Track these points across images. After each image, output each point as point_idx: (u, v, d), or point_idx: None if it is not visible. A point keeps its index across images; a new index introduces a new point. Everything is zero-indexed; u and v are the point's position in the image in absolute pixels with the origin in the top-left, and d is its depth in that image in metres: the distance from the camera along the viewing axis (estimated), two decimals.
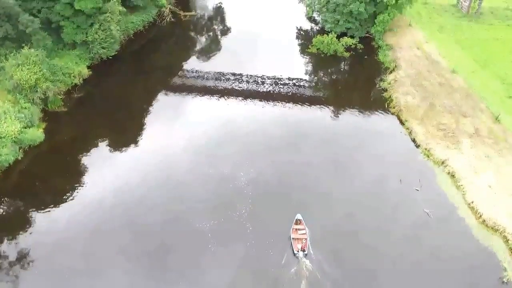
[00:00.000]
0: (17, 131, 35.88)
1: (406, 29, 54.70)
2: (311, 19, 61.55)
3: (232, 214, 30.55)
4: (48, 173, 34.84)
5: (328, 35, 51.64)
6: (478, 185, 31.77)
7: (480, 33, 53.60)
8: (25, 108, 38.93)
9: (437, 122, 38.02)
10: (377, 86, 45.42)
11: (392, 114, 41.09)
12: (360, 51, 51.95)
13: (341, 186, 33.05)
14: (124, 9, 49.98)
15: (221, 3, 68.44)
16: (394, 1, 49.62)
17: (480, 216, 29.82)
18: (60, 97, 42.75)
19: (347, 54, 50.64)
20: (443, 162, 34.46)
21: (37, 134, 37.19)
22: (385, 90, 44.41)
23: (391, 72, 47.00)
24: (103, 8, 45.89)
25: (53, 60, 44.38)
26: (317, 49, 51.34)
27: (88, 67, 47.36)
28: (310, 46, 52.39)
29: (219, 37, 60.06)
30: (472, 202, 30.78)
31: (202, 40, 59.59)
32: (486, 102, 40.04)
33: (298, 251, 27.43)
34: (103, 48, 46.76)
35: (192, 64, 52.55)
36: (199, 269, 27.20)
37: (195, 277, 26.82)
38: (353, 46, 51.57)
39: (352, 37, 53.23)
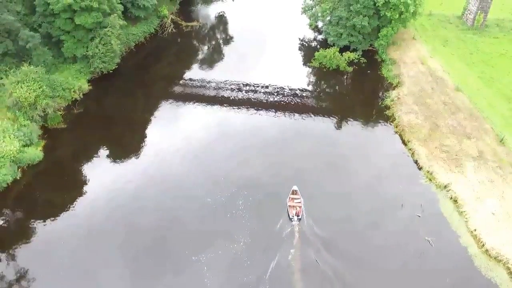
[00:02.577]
0: (16, 150, 35.65)
1: (410, 42, 54.00)
2: (314, 30, 60.96)
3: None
4: (47, 193, 34.63)
5: (330, 48, 51.10)
6: (481, 212, 31.17)
7: (486, 47, 52.79)
8: (24, 125, 38.72)
9: (440, 144, 37.40)
10: (379, 103, 44.81)
11: (395, 133, 40.52)
12: (363, 65, 51.36)
13: (339, 211, 32.42)
14: (125, 23, 49.71)
15: (224, 12, 67.98)
16: (397, 16, 48.99)
17: (483, 245, 29.23)
18: (60, 113, 42.57)
19: (349, 69, 50.04)
20: (445, 186, 33.86)
21: (36, 153, 36.93)
22: (388, 107, 43.81)
23: (394, 88, 46.39)
24: (104, 22, 45.62)
25: (53, 75, 44.21)
26: (320, 63, 50.81)
27: (89, 81, 47.23)
28: (312, 60, 51.84)
29: (221, 47, 59.62)
30: (475, 230, 30.20)
31: (204, 50, 59.19)
32: (491, 123, 39.34)
33: (293, 216, 31.16)
34: (103, 62, 46.42)
35: (194, 74, 52.24)
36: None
37: None
38: (356, 60, 51.04)
39: (355, 50, 52.71)
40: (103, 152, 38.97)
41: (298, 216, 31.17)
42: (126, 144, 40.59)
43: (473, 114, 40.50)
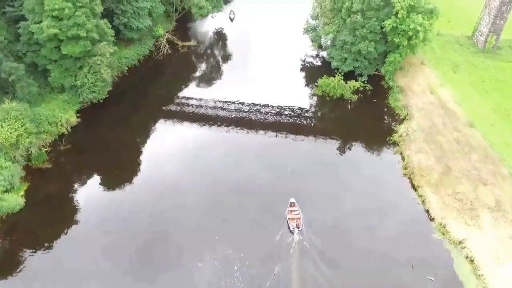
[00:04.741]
0: None
1: (418, 67, 51.01)
2: (317, 48, 57.69)
3: None
4: (26, 248, 31.60)
5: (334, 76, 48.20)
6: (502, 277, 28.32)
7: (498, 73, 49.81)
8: (5, 167, 35.94)
9: (453, 190, 34.53)
10: (387, 139, 41.71)
11: (404, 175, 37.59)
12: (369, 92, 48.41)
13: (343, 272, 29.66)
14: (117, 48, 46.83)
15: (222, 29, 64.95)
16: (406, 41, 46.04)
17: None
18: (45, 149, 39.79)
19: (354, 97, 47.14)
20: (460, 242, 31.03)
21: (16, 200, 34.19)
22: (396, 143, 40.94)
23: (402, 121, 43.46)
24: (93, 50, 42.77)
25: (38, 108, 41.35)
26: (323, 92, 47.92)
27: (78, 111, 44.52)
28: (315, 87, 49.03)
29: (219, 68, 56.58)
30: None
31: (201, 73, 55.95)
32: (508, 167, 36.42)
33: (293, 228, 32.41)
34: (93, 92, 43.66)
35: (191, 95, 49.82)
36: None
37: None
38: (361, 88, 48.11)
39: (360, 75, 49.84)
40: (92, 197, 35.93)
41: (298, 227, 32.39)
42: (118, 185, 37.58)
43: (488, 155, 37.59)
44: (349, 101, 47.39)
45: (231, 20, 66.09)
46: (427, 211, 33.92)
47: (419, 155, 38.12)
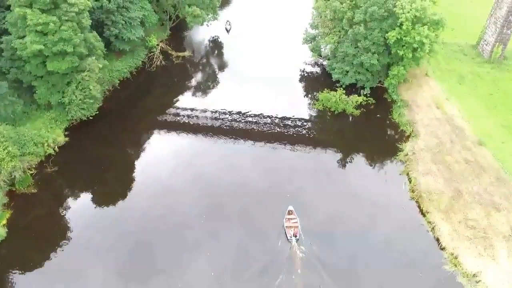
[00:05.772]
0: None
1: (423, 79, 48.98)
2: (317, 59, 55.61)
3: None
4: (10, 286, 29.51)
5: (335, 90, 46.10)
6: None
7: (506, 85, 47.82)
8: None
9: (464, 217, 32.45)
10: (391, 158, 39.67)
11: (411, 199, 35.43)
12: (372, 107, 46.32)
13: None
14: (106, 62, 44.59)
15: (218, 37, 62.73)
16: (410, 54, 43.97)
17: None
18: (31, 172, 37.45)
19: (357, 112, 44.96)
20: (474, 275, 28.93)
21: None
22: (402, 162, 38.84)
23: (407, 138, 41.36)
24: (81, 66, 40.50)
25: (23, 127, 39.07)
26: (324, 106, 45.80)
27: (66, 129, 42.25)
28: (315, 101, 46.92)
29: (216, 82, 53.93)
30: None
31: (197, 86, 53.30)
32: None
33: (291, 237, 31.60)
34: (82, 109, 41.36)
35: (186, 107, 47.76)
36: None
37: None
38: (364, 103, 46.02)
39: (362, 87, 47.77)
40: (82, 224, 33.47)
41: (295, 236, 31.59)
42: (110, 208, 35.23)
43: (500, 178, 35.52)
44: (351, 117, 45.16)
45: (227, 31, 63.62)
46: (437, 240, 31.73)
47: (427, 177, 35.96)
